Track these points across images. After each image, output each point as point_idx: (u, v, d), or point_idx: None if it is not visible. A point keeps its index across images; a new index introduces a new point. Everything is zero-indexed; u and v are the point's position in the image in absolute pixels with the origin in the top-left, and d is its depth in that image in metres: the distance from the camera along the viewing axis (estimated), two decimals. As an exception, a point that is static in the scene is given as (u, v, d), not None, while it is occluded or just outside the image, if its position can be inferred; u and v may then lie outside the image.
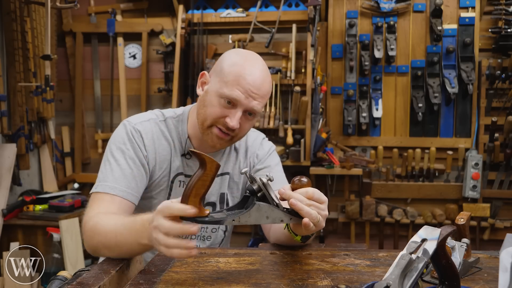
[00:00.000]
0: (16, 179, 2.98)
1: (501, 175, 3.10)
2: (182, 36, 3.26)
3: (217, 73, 1.28)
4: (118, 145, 1.31)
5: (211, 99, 1.26)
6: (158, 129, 1.36)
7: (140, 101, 3.52)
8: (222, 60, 1.29)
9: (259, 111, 1.28)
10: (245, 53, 1.31)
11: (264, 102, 1.28)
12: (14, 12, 2.90)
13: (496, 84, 3.05)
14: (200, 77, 1.34)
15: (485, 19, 3.15)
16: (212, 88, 1.27)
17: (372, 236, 3.20)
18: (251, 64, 1.26)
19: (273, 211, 1.01)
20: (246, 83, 1.22)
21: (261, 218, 1.01)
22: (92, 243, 1.18)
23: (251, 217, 1.00)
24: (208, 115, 1.26)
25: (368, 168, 3.07)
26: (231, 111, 1.24)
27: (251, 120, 1.29)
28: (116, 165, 1.28)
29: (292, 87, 3.14)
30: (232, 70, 1.24)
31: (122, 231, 1.10)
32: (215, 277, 1.02)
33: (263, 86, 1.25)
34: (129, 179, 1.26)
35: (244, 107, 1.24)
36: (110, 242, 1.12)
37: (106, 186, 1.24)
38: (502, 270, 0.79)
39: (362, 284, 0.97)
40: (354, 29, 3.18)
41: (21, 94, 2.98)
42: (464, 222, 1.07)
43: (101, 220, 1.16)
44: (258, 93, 1.24)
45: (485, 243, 3.11)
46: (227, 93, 1.22)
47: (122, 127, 1.34)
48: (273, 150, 1.51)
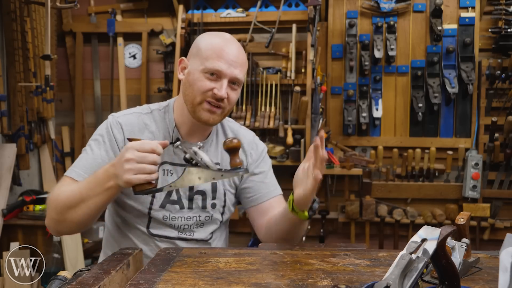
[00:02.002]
0: (16, 179, 2.98)
1: (501, 175, 3.11)
2: (182, 36, 3.26)
3: (195, 54, 1.35)
4: (96, 136, 1.38)
5: (195, 77, 1.32)
6: (142, 121, 1.40)
7: (140, 101, 3.52)
8: (197, 42, 1.37)
9: (241, 80, 1.35)
10: (217, 33, 1.40)
11: (244, 71, 1.35)
12: (14, 12, 2.89)
13: (496, 84, 3.05)
14: (179, 63, 1.40)
15: (485, 19, 3.15)
16: (193, 67, 1.33)
17: (372, 236, 3.20)
18: (225, 39, 1.35)
19: (203, 171, 1.16)
20: (226, 53, 1.30)
21: (194, 179, 1.17)
22: (56, 211, 1.25)
23: (184, 180, 1.17)
24: (196, 91, 1.31)
25: (368, 168, 3.07)
26: (217, 83, 1.30)
27: (236, 89, 1.35)
28: (89, 154, 1.35)
29: (292, 87, 3.13)
30: (210, 46, 1.32)
31: (86, 185, 1.22)
32: (215, 277, 1.02)
33: (240, 55, 1.34)
34: (96, 169, 1.28)
35: (229, 76, 1.31)
36: (76, 200, 1.22)
37: (73, 171, 1.33)
38: (502, 270, 0.79)
39: (362, 284, 0.97)
40: (354, 29, 3.18)
41: (21, 94, 2.98)
42: (464, 222, 1.07)
43: (64, 189, 1.27)
44: (238, 61, 1.32)
45: (485, 243, 3.11)
46: (209, 66, 1.29)
47: (106, 120, 1.41)
48: (266, 151, 1.55)
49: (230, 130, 1.51)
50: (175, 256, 1.17)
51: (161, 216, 1.39)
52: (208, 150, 1.45)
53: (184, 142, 1.21)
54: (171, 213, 1.40)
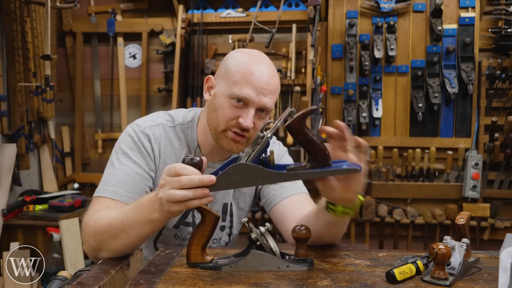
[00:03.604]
0: (16, 179, 2.98)
1: (501, 175, 3.10)
2: (182, 36, 3.26)
3: (223, 75, 1.25)
4: (124, 149, 1.28)
5: (221, 101, 1.23)
6: (166, 135, 1.33)
7: (140, 101, 3.52)
8: (227, 61, 1.27)
9: (271, 108, 1.25)
10: (249, 51, 1.30)
11: (275, 97, 1.25)
12: (14, 12, 2.90)
13: (496, 84, 3.05)
14: (206, 82, 1.31)
15: (485, 19, 3.15)
16: (219, 90, 1.24)
17: (372, 236, 3.20)
18: (257, 61, 1.24)
19: (268, 258, 1.05)
20: (255, 79, 1.20)
21: (258, 265, 1.05)
22: (95, 238, 1.14)
23: (248, 263, 1.05)
24: (221, 119, 1.23)
25: (368, 168, 3.07)
26: (243, 111, 1.21)
27: (264, 117, 1.26)
28: (120, 169, 1.25)
29: (292, 87, 3.14)
30: (238, 69, 1.21)
31: (128, 214, 1.08)
32: (215, 277, 1.01)
33: (272, 81, 1.23)
34: (132, 184, 1.24)
35: (256, 105, 1.21)
36: (116, 229, 1.09)
37: (107, 190, 1.23)
38: (502, 270, 0.79)
39: (361, 283, 0.97)
40: (354, 29, 3.18)
41: (21, 94, 2.98)
42: (464, 222, 1.07)
43: (103, 215, 1.14)
44: (268, 88, 1.22)
45: (485, 243, 3.11)
46: (237, 92, 1.20)
47: (130, 129, 1.32)
48: (284, 153, 1.48)
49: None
50: (175, 256, 1.17)
51: (172, 235, 1.37)
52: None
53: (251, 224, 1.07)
54: (182, 234, 1.37)
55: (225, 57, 1.29)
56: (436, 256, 0.95)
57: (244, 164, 1.01)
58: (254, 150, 1.01)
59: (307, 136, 0.98)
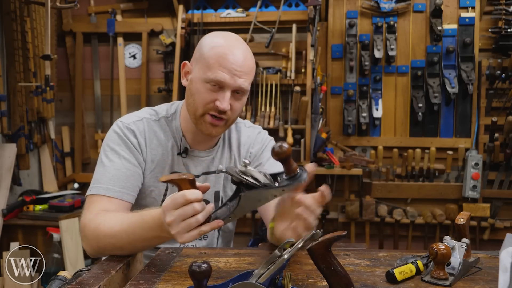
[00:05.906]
0: (16, 179, 2.98)
1: (501, 175, 3.10)
2: (182, 36, 3.26)
3: (198, 59, 1.27)
4: (112, 146, 1.30)
5: (197, 86, 1.25)
6: (151, 128, 1.35)
7: (140, 101, 3.52)
8: (201, 45, 1.27)
9: (247, 89, 1.26)
10: (223, 34, 1.29)
11: (250, 78, 1.26)
12: (14, 12, 2.89)
13: (496, 84, 3.05)
14: (182, 68, 1.33)
15: (485, 19, 3.15)
16: (195, 75, 1.26)
17: (372, 236, 3.20)
18: (230, 44, 1.24)
19: (260, 193, 0.99)
20: (229, 62, 1.21)
21: (254, 203, 1.01)
22: (98, 245, 1.15)
23: (243, 208, 1.00)
24: (198, 103, 1.25)
25: (368, 168, 3.07)
26: (220, 94, 1.23)
27: (240, 99, 1.27)
28: (110, 166, 1.26)
29: (292, 87, 3.13)
30: (212, 53, 1.22)
31: (133, 230, 1.09)
32: (215, 277, 1.01)
33: (246, 62, 1.24)
34: (123, 179, 1.25)
35: (232, 87, 1.22)
36: (122, 242, 1.10)
37: (100, 188, 1.23)
38: (502, 270, 0.79)
39: (361, 284, 0.97)
40: (354, 29, 3.18)
41: (21, 94, 2.98)
42: (464, 222, 1.07)
43: (104, 221, 1.14)
44: (242, 70, 1.23)
45: (485, 243, 3.11)
46: (212, 76, 1.21)
47: (115, 127, 1.33)
48: (268, 142, 1.45)
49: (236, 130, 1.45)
50: (175, 256, 1.17)
51: None
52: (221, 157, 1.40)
53: (229, 168, 1.02)
54: None
55: (199, 42, 1.30)
56: (436, 256, 0.95)
57: (253, 284, 0.90)
58: (268, 269, 0.90)
59: (330, 265, 0.86)
